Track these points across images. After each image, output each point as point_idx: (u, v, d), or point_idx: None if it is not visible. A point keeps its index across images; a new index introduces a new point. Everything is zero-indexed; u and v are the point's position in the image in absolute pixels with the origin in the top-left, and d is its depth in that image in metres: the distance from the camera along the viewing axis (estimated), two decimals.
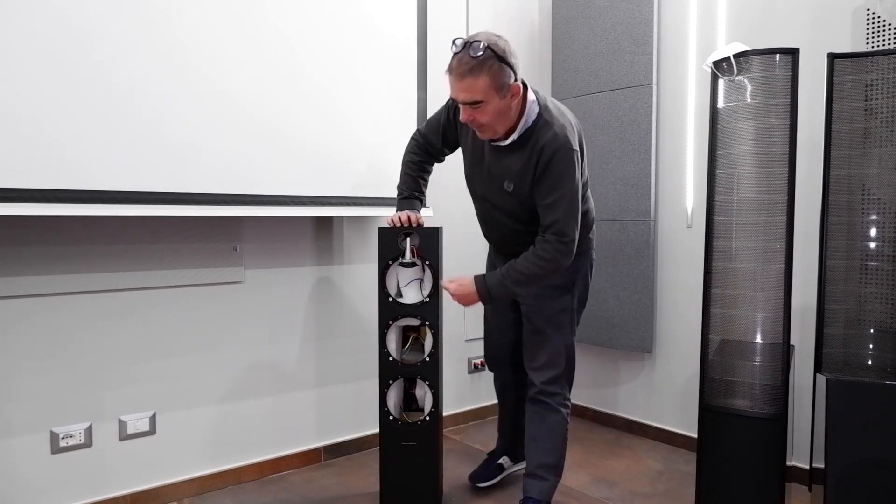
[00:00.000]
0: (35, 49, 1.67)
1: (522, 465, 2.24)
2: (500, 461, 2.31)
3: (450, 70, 1.62)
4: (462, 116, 1.68)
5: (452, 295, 1.89)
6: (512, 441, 2.31)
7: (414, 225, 1.96)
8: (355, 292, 2.62)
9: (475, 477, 2.28)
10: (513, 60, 1.61)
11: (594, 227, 2.03)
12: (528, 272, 1.75)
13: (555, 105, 1.76)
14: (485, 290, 1.82)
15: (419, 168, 2.05)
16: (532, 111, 1.71)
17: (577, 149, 1.71)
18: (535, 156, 1.69)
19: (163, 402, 2.15)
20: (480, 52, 1.55)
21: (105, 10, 1.77)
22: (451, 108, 1.92)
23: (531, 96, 1.72)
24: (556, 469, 1.99)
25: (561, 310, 1.94)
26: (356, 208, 2.36)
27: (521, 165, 1.73)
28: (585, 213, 1.90)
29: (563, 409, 1.97)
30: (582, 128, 1.85)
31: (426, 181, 2.09)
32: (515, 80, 1.63)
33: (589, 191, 1.98)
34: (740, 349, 1.87)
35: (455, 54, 1.60)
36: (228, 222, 2.25)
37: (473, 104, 1.62)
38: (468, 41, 1.58)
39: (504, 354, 2.18)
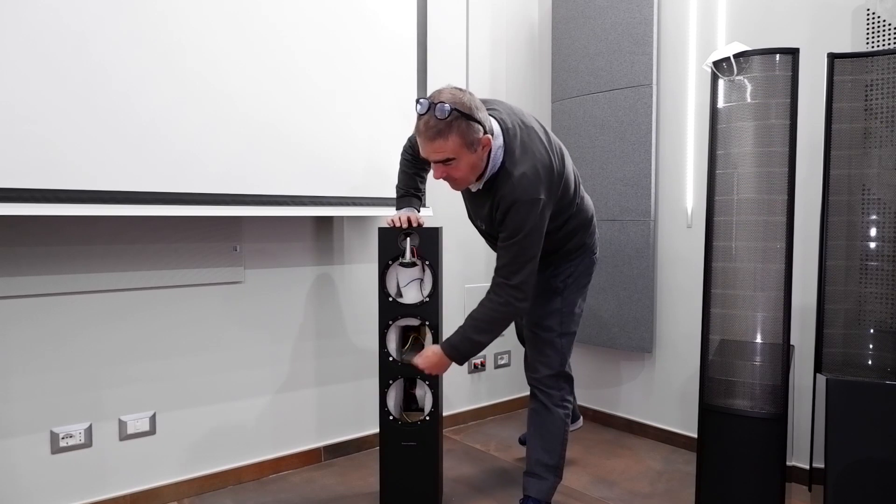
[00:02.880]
0: (34, 50, 1.67)
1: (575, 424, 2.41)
2: None
3: (418, 132, 1.61)
4: (435, 174, 1.68)
5: (423, 369, 1.87)
6: None
7: (413, 225, 1.96)
8: (355, 292, 2.62)
9: (524, 439, 2.35)
10: (480, 115, 1.61)
11: (596, 228, 2.03)
12: (483, 318, 1.76)
13: (523, 143, 1.70)
14: (451, 349, 1.81)
15: (415, 165, 2.06)
16: (497, 159, 1.69)
17: (540, 195, 1.67)
18: (496, 204, 1.71)
19: (163, 402, 2.15)
20: (447, 115, 1.54)
21: (104, 12, 1.77)
22: None
23: (497, 142, 1.68)
24: (556, 469, 1.99)
25: (549, 312, 1.95)
26: (356, 208, 2.36)
27: (487, 209, 1.76)
28: (578, 214, 1.92)
29: (561, 409, 1.97)
30: (561, 147, 1.82)
31: (424, 178, 2.10)
32: (485, 132, 1.62)
33: (584, 193, 1.97)
34: (740, 349, 1.87)
35: (420, 116, 1.58)
36: (228, 222, 2.25)
37: (446, 161, 1.62)
38: (433, 102, 1.56)
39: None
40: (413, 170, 2.06)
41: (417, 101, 1.59)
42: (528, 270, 1.72)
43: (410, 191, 2.06)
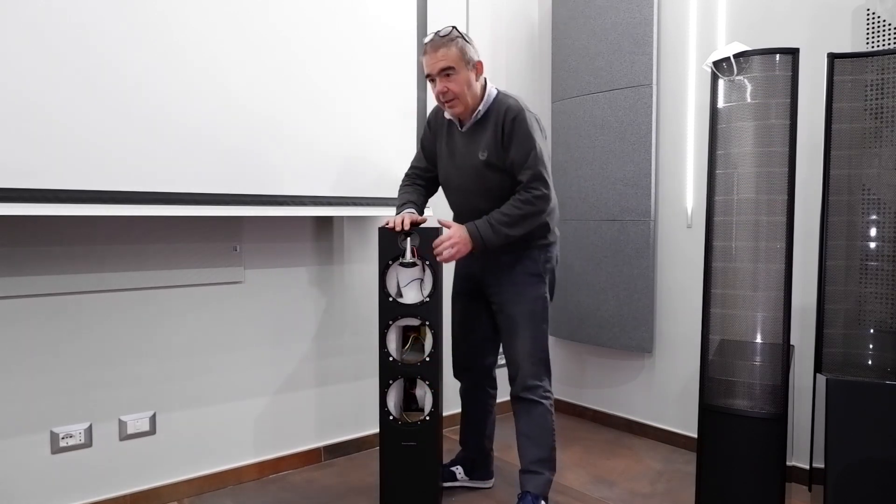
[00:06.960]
0: (35, 49, 1.67)
1: (477, 483, 2.26)
2: (453, 468, 2.26)
3: (424, 52, 1.89)
4: (437, 89, 1.89)
5: (450, 240, 1.89)
6: (473, 451, 2.26)
7: (414, 225, 1.97)
8: (355, 292, 2.62)
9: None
10: (474, 45, 1.92)
11: (557, 226, 2.05)
12: (512, 213, 1.87)
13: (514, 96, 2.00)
14: (476, 232, 1.89)
15: (412, 185, 2.14)
16: (492, 92, 1.96)
17: (538, 117, 1.96)
18: (500, 121, 1.89)
19: (163, 402, 2.15)
20: (448, 32, 1.87)
21: (104, 11, 1.77)
22: (428, 122, 2.12)
23: (491, 85, 1.97)
24: (549, 462, 2.01)
25: (535, 297, 1.97)
26: (356, 208, 2.36)
27: (490, 134, 1.91)
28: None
29: (545, 401, 1.99)
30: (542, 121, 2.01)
31: (424, 196, 2.15)
32: (478, 59, 1.91)
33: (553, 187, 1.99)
34: (740, 349, 1.87)
35: (427, 42, 1.89)
36: (228, 222, 2.25)
37: (446, 72, 1.85)
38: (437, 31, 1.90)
39: (475, 357, 2.17)
40: (412, 186, 2.12)
41: (426, 36, 1.91)
42: (549, 173, 1.90)
43: (411, 201, 2.07)
